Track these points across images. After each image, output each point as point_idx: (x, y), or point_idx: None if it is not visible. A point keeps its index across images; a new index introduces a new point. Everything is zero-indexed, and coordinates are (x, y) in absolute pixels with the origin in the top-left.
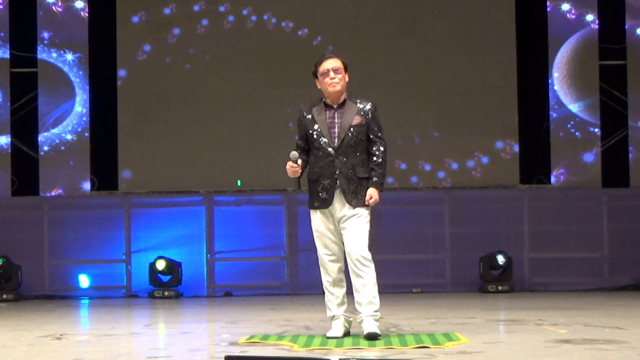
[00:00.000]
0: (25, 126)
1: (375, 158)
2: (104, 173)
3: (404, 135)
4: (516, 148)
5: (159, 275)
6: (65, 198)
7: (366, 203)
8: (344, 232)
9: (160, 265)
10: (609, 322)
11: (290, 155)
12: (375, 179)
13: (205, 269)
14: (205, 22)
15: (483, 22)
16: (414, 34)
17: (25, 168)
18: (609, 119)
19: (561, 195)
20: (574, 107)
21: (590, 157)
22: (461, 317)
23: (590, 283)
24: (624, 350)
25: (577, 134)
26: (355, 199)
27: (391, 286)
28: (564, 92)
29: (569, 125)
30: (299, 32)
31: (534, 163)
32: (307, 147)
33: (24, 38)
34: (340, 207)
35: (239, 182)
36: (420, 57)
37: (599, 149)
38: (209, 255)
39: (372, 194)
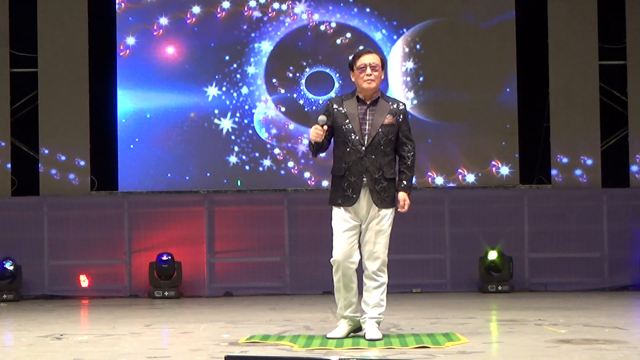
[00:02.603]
0: (25, 126)
1: (405, 160)
2: (104, 173)
3: None
4: (516, 148)
5: (163, 268)
6: (65, 198)
7: (400, 209)
8: (367, 233)
9: (166, 257)
10: (609, 322)
11: (319, 119)
12: (405, 182)
13: (205, 268)
14: (207, 22)
15: (484, 21)
16: (414, 32)
17: (25, 168)
18: (609, 119)
19: (561, 195)
20: (573, 108)
21: (590, 157)
22: (461, 317)
23: (590, 283)
24: (624, 351)
25: (577, 133)
26: (382, 199)
27: (391, 286)
28: (563, 92)
29: (569, 125)
30: (302, 34)
31: (534, 163)
32: (330, 135)
33: (24, 38)
34: (367, 206)
35: (239, 182)
36: (420, 56)
37: (599, 149)
38: (209, 255)
39: (405, 199)
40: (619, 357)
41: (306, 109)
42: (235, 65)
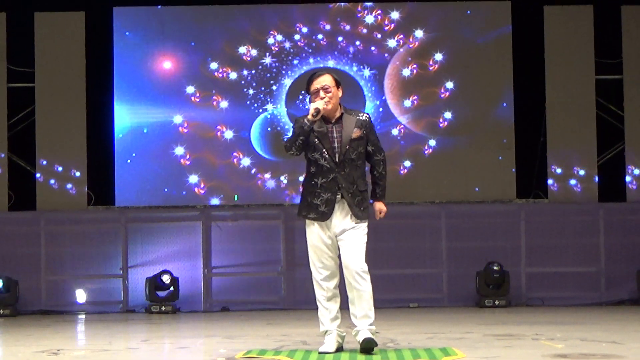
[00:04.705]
0: (22, 141)
1: (378, 169)
2: (101, 188)
3: (399, 148)
4: (513, 163)
5: (162, 286)
6: (62, 213)
7: (377, 218)
8: (342, 243)
9: (166, 279)
10: (606, 336)
11: (316, 105)
12: (380, 192)
13: (202, 283)
14: (205, 31)
15: (480, 35)
16: (411, 46)
17: (22, 183)
18: (606, 134)
19: (558, 209)
20: (570, 122)
21: (587, 171)
22: (458, 332)
23: (587, 297)
24: None
25: (573, 148)
26: (361, 211)
27: (388, 301)
28: (560, 107)
29: (565, 140)
30: (301, 44)
31: (531, 178)
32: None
33: (21, 53)
34: (339, 221)
35: (235, 198)
36: (416, 70)
37: (595, 163)
38: (205, 270)
39: (381, 208)
40: None
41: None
42: (233, 81)
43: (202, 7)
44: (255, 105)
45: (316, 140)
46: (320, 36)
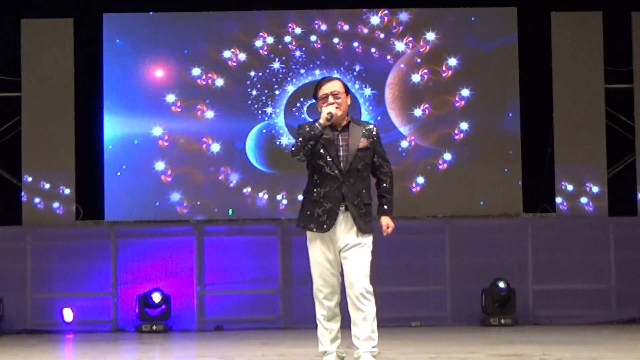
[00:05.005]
0: (7, 152)
1: (384, 182)
2: (90, 201)
3: (403, 161)
4: (519, 175)
5: (152, 307)
6: (49, 228)
7: (384, 234)
8: (346, 261)
9: (157, 297)
10: (617, 356)
11: (329, 110)
12: (386, 206)
13: (195, 301)
14: (198, 43)
15: (485, 43)
16: (414, 54)
17: (8, 196)
18: (616, 145)
19: (566, 224)
20: (578, 133)
21: (596, 184)
22: (462, 352)
23: (597, 316)
24: None
25: (582, 160)
26: (365, 223)
27: (389, 319)
28: (568, 117)
29: (574, 151)
30: (300, 56)
31: (538, 191)
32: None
33: (6, 61)
34: (343, 235)
35: (230, 212)
36: (420, 80)
37: (605, 176)
38: (199, 288)
39: (388, 223)
40: None
41: None
42: (223, 91)
43: (197, 14)
44: (256, 106)
45: (321, 147)
46: (313, 38)
